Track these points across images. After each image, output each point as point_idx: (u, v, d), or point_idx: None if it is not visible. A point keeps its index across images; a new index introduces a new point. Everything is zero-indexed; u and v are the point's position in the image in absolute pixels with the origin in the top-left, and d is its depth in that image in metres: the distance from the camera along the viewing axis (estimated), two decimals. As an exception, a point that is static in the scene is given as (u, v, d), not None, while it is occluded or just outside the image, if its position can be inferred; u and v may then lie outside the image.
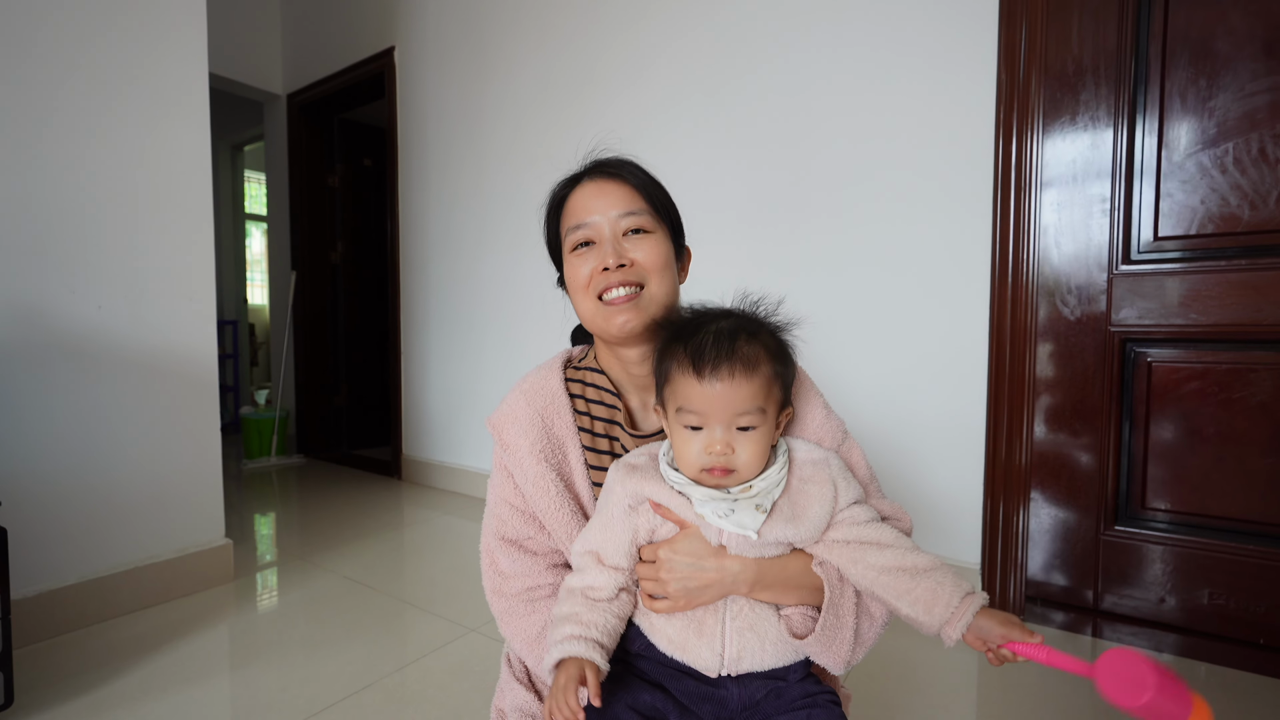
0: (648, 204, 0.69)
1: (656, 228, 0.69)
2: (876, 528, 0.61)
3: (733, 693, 0.59)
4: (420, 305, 2.95)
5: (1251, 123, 1.31)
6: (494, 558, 0.74)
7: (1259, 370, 1.33)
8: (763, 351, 0.59)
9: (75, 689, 1.25)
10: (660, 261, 0.68)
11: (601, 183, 0.70)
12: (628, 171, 0.71)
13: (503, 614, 0.73)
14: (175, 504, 1.68)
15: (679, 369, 0.59)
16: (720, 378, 0.57)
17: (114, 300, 1.56)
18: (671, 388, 0.60)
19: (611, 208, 0.68)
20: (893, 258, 1.67)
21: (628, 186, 0.69)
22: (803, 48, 1.79)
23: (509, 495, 0.72)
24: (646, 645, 0.63)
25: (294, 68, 3.46)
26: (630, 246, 0.67)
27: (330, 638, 1.46)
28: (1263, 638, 1.33)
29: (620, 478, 0.64)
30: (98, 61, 1.53)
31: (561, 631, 0.59)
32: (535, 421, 0.70)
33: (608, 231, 0.67)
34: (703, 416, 0.58)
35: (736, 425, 0.58)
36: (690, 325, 0.62)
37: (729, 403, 0.57)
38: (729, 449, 0.58)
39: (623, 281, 0.66)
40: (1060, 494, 1.53)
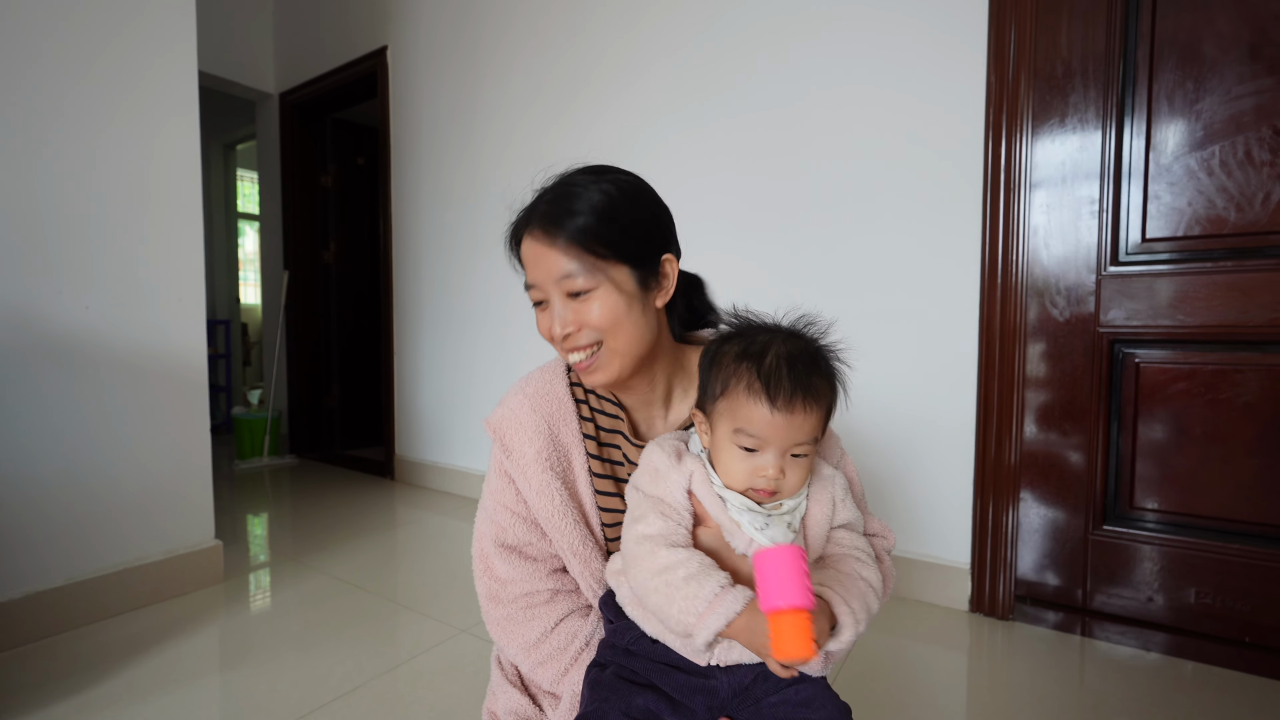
0: (588, 256, 0.63)
1: (601, 280, 0.64)
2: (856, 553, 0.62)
3: (722, 682, 0.60)
4: (413, 305, 2.94)
5: (1238, 125, 1.32)
6: (490, 564, 0.73)
7: (1245, 371, 1.34)
8: (825, 384, 0.59)
9: (62, 691, 1.24)
10: (610, 317, 0.64)
11: (538, 244, 0.65)
12: (561, 225, 0.64)
13: (501, 619, 0.72)
14: (164, 505, 1.67)
15: (747, 392, 0.57)
16: (793, 410, 0.56)
17: (102, 301, 1.55)
18: (731, 406, 0.58)
19: (549, 273, 0.64)
20: (883, 258, 1.68)
21: (559, 249, 0.63)
22: (794, 49, 1.79)
23: (509, 501, 0.71)
24: (636, 639, 0.63)
25: (286, 66, 3.45)
26: (577, 308, 0.64)
27: (321, 639, 1.46)
28: (1249, 636, 1.34)
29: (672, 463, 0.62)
30: (84, 61, 1.52)
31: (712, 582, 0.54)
32: (541, 428, 0.69)
33: (553, 295, 0.65)
34: (762, 442, 0.57)
35: (791, 452, 0.58)
36: (754, 343, 0.60)
37: (793, 433, 0.57)
38: (781, 474, 0.58)
39: (574, 347, 0.65)
40: (1050, 494, 1.54)
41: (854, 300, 1.73)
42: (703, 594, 0.54)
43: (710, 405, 0.61)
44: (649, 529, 0.59)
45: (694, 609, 0.53)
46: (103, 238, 1.56)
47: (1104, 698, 1.24)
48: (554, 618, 0.71)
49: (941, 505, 1.63)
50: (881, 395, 1.70)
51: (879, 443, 1.70)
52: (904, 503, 1.67)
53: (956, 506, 1.61)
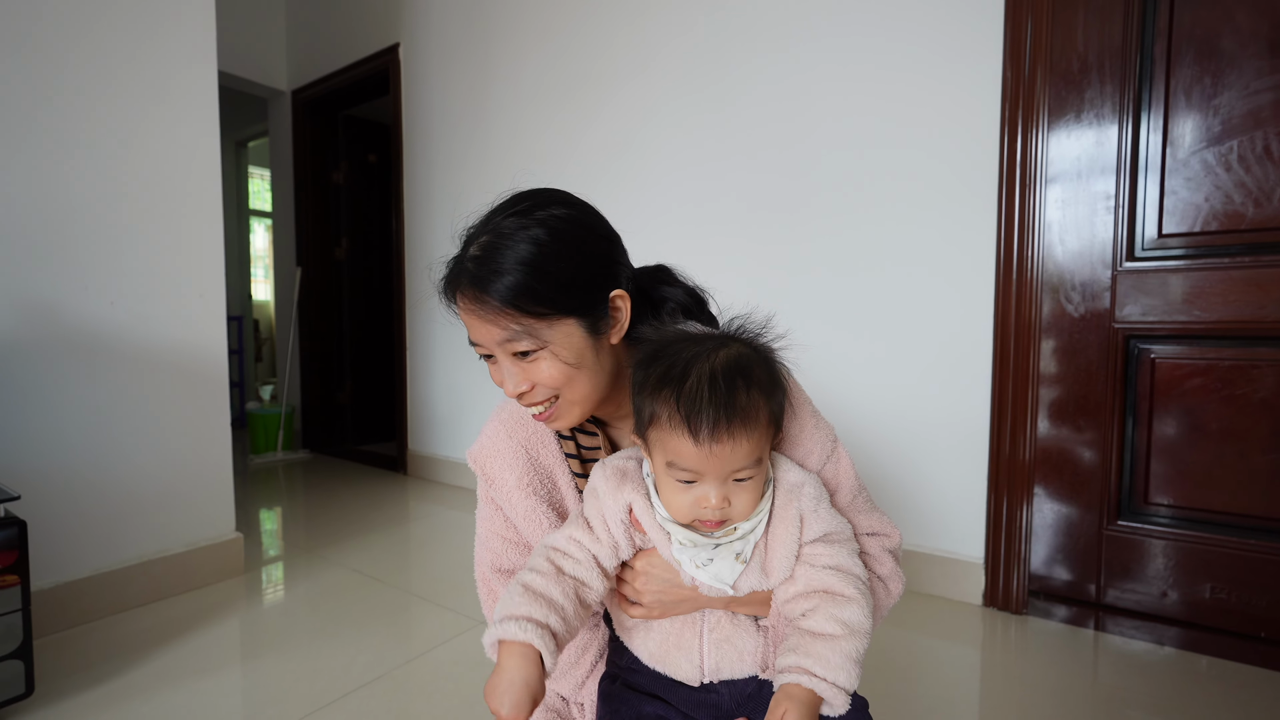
0: (526, 319, 0.57)
1: (546, 339, 0.58)
2: (829, 575, 0.56)
3: (724, 695, 0.60)
4: (425, 301, 2.96)
5: (1256, 120, 1.31)
6: (491, 588, 0.74)
7: (1261, 367, 1.33)
8: (760, 398, 0.53)
9: (93, 679, 1.27)
10: (562, 375, 0.59)
11: (472, 308, 0.59)
12: (489, 289, 0.57)
13: None
14: (187, 498, 1.70)
15: (670, 423, 0.52)
16: (719, 439, 0.51)
17: (126, 297, 1.58)
18: (659, 437, 0.54)
19: (488, 337, 0.59)
20: (897, 254, 1.68)
21: (493, 314, 0.57)
22: (806, 43, 1.79)
23: (499, 529, 0.71)
24: (634, 659, 0.63)
25: (298, 64, 3.47)
26: (525, 368, 0.60)
27: (339, 630, 1.48)
28: (1264, 631, 1.34)
29: (611, 487, 0.59)
30: (104, 59, 1.54)
31: (514, 604, 0.52)
32: (519, 455, 0.68)
33: (501, 355, 0.60)
34: (698, 474, 0.53)
35: (734, 478, 0.53)
36: (676, 364, 0.54)
37: (728, 462, 0.52)
38: (725, 502, 0.53)
39: (531, 403, 0.62)
40: (1063, 489, 1.54)
41: (867, 295, 1.73)
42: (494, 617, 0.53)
43: (644, 433, 0.56)
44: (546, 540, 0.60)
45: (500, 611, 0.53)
46: (127, 235, 1.58)
47: (1118, 692, 1.25)
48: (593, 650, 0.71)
49: (955, 500, 1.64)
50: (895, 390, 1.70)
51: (893, 437, 1.71)
52: (918, 497, 1.68)
53: (970, 501, 1.62)
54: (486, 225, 0.62)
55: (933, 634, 1.48)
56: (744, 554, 0.55)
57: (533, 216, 0.60)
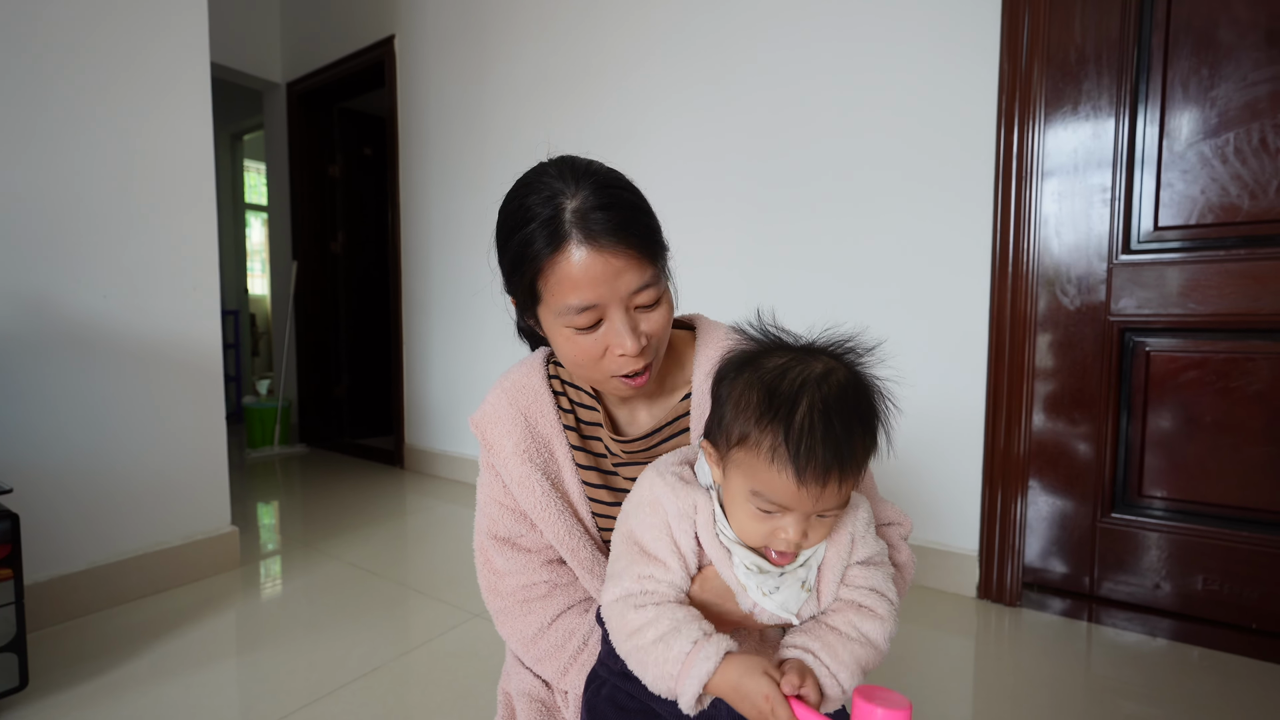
0: (654, 263, 0.58)
1: (664, 284, 0.60)
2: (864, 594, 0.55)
3: (722, 709, 0.57)
4: (421, 294, 2.95)
5: (1253, 112, 1.31)
6: (488, 555, 0.74)
7: (1256, 359, 1.34)
8: (871, 440, 0.50)
9: (88, 672, 1.27)
10: (668, 324, 0.61)
11: (605, 254, 0.55)
12: (629, 232, 0.55)
13: (499, 612, 0.73)
14: (182, 492, 1.70)
15: (770, 455, 0.47)
16: (826, 484, 0.47)
17: (120, 290, 1.57)
18: (750, 462, 0.48)
19: (624, 286, 0.56)
20: (894, 246, 1.68)
21: (636, 255, 0.56)
22: (804, 35, 1.78)
23: (497, 494, 0.71)
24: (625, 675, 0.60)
25: (293, 56, 3.44)
26: (644, 319, 0.58)
27: (336, 623, 1.48)
28: (1255, 622, 1.35)
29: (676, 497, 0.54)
30: (99, 52, 1.53)
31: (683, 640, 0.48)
32: (518, 421, 0.69)
33: (618, 312, 0.57)
34: (784, 509, 0.49)
35: (818, 514, 0.50)
36: (782, 387, 0.48)
37: (824, 503, 0.48)
38: (803, 536, 0.49)
39: (644, 365, 0.60)
40: (1058, 482, 1.54)
41: (863, 286, 1.73)
42: (673, 655, 0.48)
43: (723, 449, 0.51)
44: (620, 590, 0.53)
45: (669, 672, 0.48)
46: (120, 228, 1.57)
47: (1110, 683, 1.26)
48: (550, 613, 0.70)
49: (950, 493, 1.64)
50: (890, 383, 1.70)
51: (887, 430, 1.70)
52: (913, 490, 1.68)
53: (965, 494, 1.62)
54: (575, 182, 0.57)
55: (927, 626, 1.48)
56: (809, 582, 0.53)
57: (613, 172, 0.60)
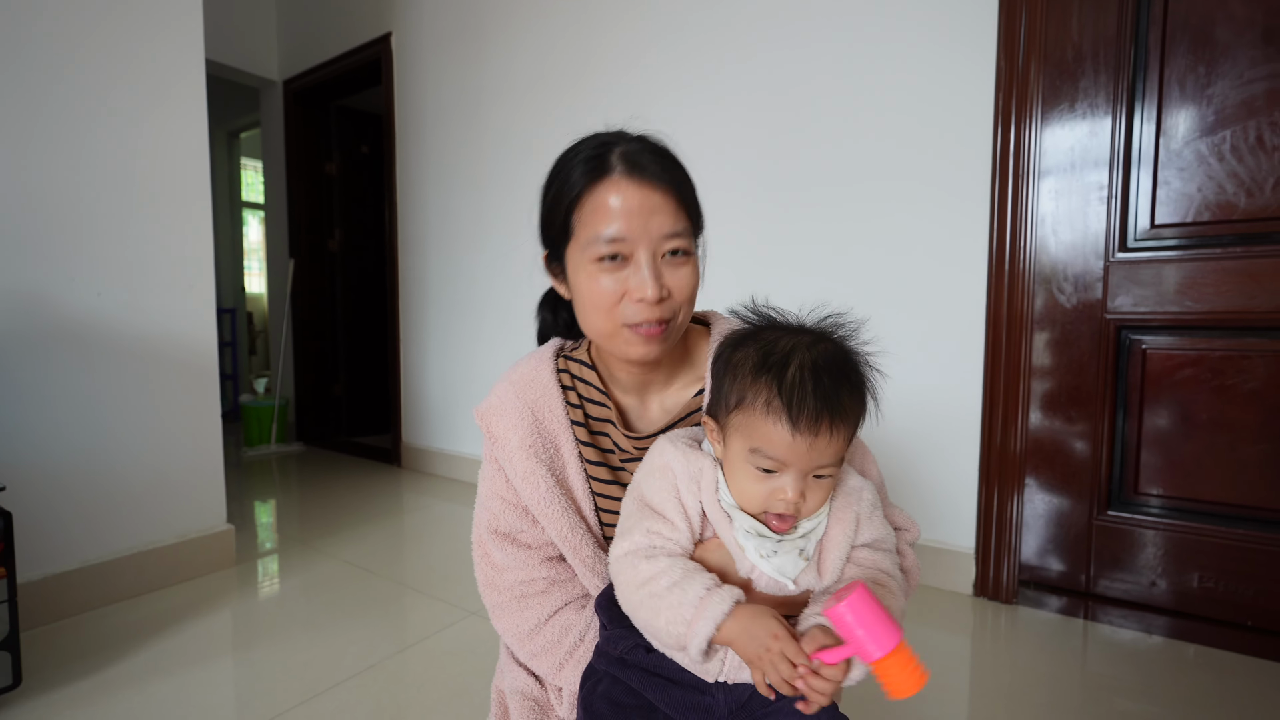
0: (688, 219, 0.60)
1: (694, 248, 0.61)
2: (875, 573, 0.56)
3: (719, 699, 0.57)
4: (418, 293, 2.95)
5: (1249, 110, 1.31)
6: (486, 550, 0.73)
7: (1252, 357, 1.34)
8: (858, 399, 0.53)
9: (82, 670, 1.26)
10: (694, 290, 0.61)
11: (644, 189, 0.57)
12: (670, 175, 0.59)
13: (495, 607, 0.72)
14: (177, 490, 1.69)
15: (765, 409, 0.51)
16: (817, 432, 0.50)
17: (113, 288, 1.56)
18: (747, 422, 0.52)
19: (656, 226, 0.58)
20: (890, 244, 1.68)
21: (673, 198, 0.58)
22: (802, 32, 1.78)
23: (499, 489, 0.70)
24: (630, 648, 0.59)
25: (290, 54, 3.43)
26: (668, 272, 0.59)
27: (331, 621, 1.48)
28: (1250, 620, 1.35)
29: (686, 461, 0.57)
30: (95, 51, 1.52)
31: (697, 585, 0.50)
32: (525, 415, 0.68)
33: (646, 255, 0.58)
34: (781, 465, 0.51)
35: (814, 474, 0.52)
36: (775, 351, 0.53)
37: (817, 456, 0.51)
38: (801, 497, 0.52)
39: (659, 319, 0.59)
40: (1054, 480, 1.54)
41: (860, 284, 1.73)
42: (687, 599, 0.50)
43: (723, 416, 0.55)
44: (630, 545, 0.55)
45: (681, 617, 0.50)
46: (113, 226, 1.57)
47: (1106, 680, 1.26)
48: (548, 609, 0.70)
49: (947, 491, 1.64)
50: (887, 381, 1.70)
51: (884, 428, 1.71)
52: (910, 488, 1.68)
53: (962, 492, 1.62)
54: (628, 137, 0.62)
55: (923, 623, 1.48)
56: (807, 551, 0.54)
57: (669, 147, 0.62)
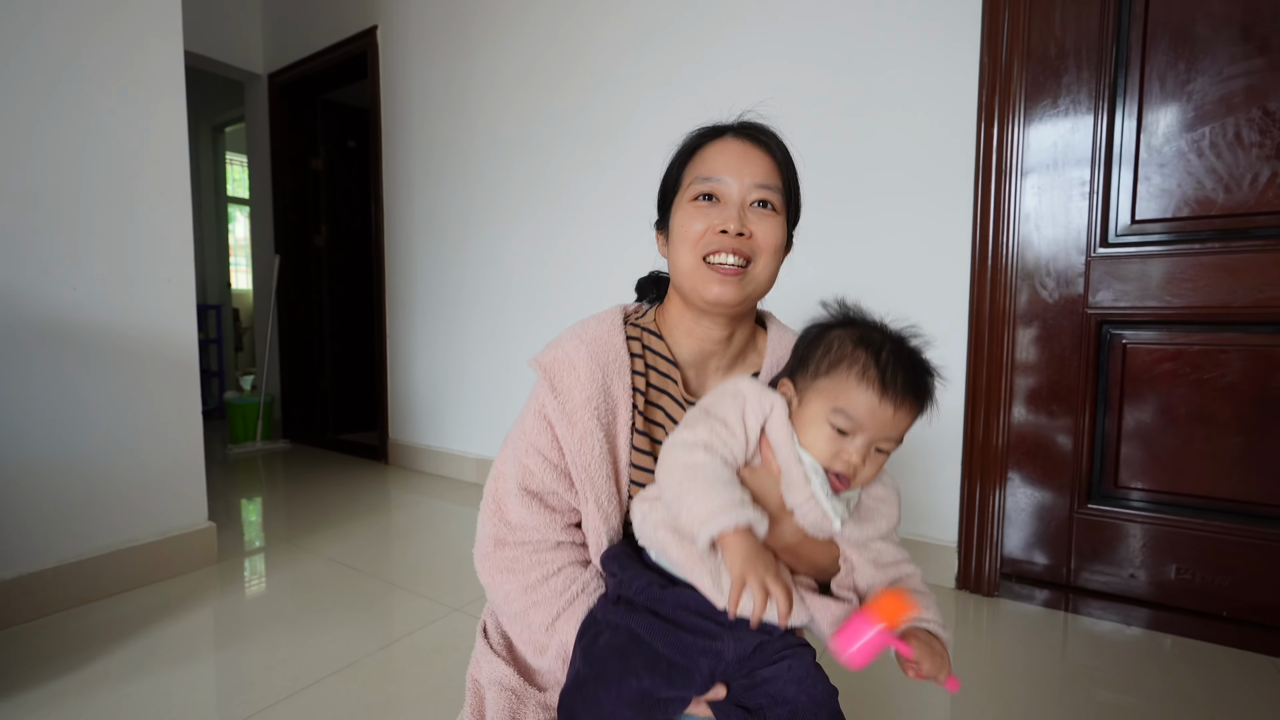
0: (782, 183, 0.68)
1: (782, 209, 0.68)
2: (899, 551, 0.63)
3: (729, 645, 0.59)
4: (405, 289, 2.93)
5: (1228, 107, 1.32)
6: (504, 505, 0.71)
7: (1229, 352, 1.35)
8: (932, 390, 0.60)
9: (57, 670, 1.25)
10: (775, 243, 0.67)
11: (746, 145, 0.68)
12: (775, 144, 0.69)
13: (502, 562, 0.70)
14: (157, 487, 1.67)
15: (860, 375, 0.58)
16: (901, 404, 0.57)
17: (90, 282, 1.54)
18: (835, 385, 0.58)
19: (748, 174, 0.66)
20: (875, 239, 1.68)
21: (771, 160, 0.68)
22: (785, 25, 1.78)
23: (543, 445, 0.69)
24: (642, 588, 0.61)
25: (275, 47, 3.39)
26: (753, 218, 0.66)
27: (315, 618, 1.47)
28: (1226, 610, 1.37)
29: (760, 392, 0.62)
30: (69, 41, 1.50)
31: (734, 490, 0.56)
32: (596, 376, 0.68)
33: (736, 195, 0.65)
34: (858, 426, 0.57)
35: (878, 446, 0.58)
36: (871, 334, 0.61)
37: (890, 426, 0.57)
38: (862, 463, 0.58)
39: (735, 249, 0.65)
40: (1036, 474, 1.56)
41: (844, 278, 1.73)
42: (723, 497, 0.55)
43: (807, 380, 0.61)
44: (692, 436, 0.60)
45: (709, 505, 0.54)
46: (89, 219, 1.54)
47: (1085, 671, 1.27)
48: (559, 563, 0.70)
49: (930, 485, 1.65)
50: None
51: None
52: (893, 483, 1.69)
53: (945, 486, 1.63)
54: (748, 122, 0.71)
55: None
56: (851, 502, 0.61)
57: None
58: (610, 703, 0.58)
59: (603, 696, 0.58)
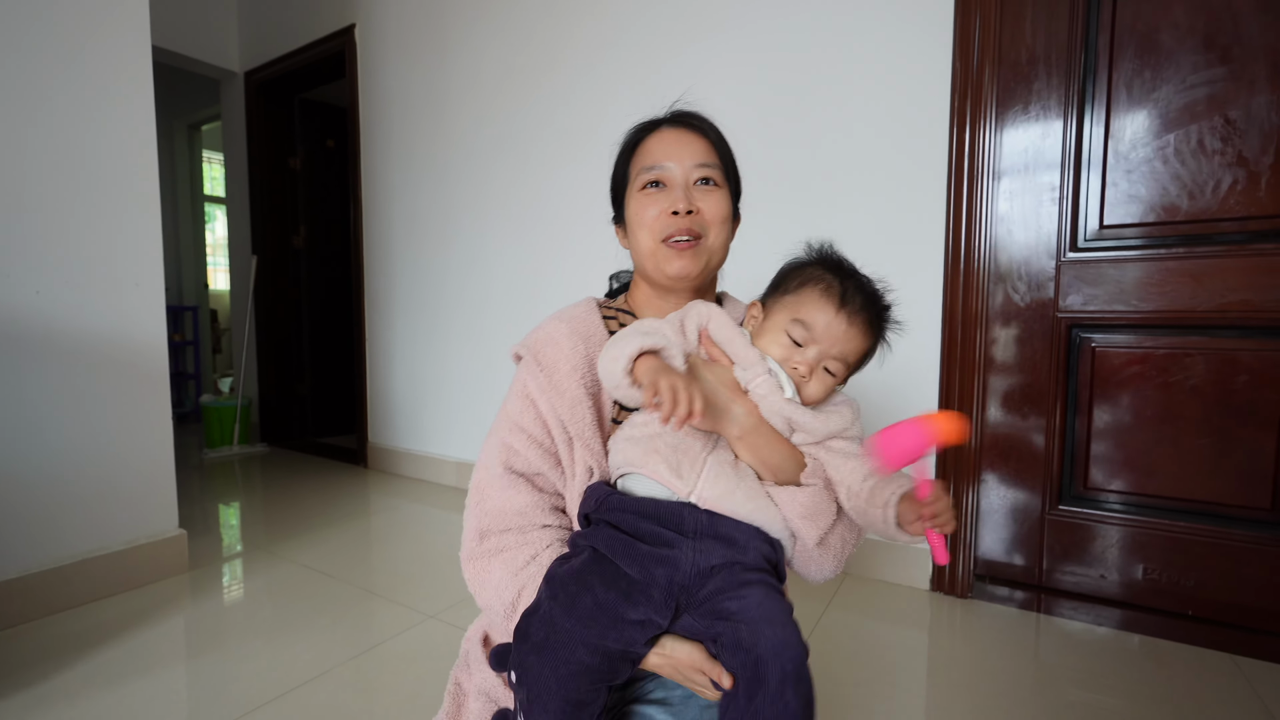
0: (719, 160, 0.73)
1: (723, 183, 0.73)
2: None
3: (685, 554, 0.57)
4: (385, 291, 2.90)
5: (1191, 115, 1.35)
6: (486, 495, 0.69)
7: (1194, 355, 1.38)
8: (881, 329, 0.68)
9: (17, 684, 1.21)
10: (721, 214, 0.72)
11: (681, 132, 0.74)
12: (707, 126, 0.75)
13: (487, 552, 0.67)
14: (125, 495, 1.64)
15: (822, 292, 0.65)
16: (853, 321, 0.64)
17: (53, 285, 1.50)
18: (799, 300, 0.66)
19: (688, 157, 0.71)
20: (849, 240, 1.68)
21: (706, 140, 0.73)
22: (757, 31, 1.78)
23: (527, 424, 0.69)
24: (606, 495, 0.62)
25: (251, 44, 3.34)
26: (698, 196, 0.71)
27: (287, 627, 1.45)
28: (1191, 609, 1.39)
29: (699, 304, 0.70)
30: (32, 36, 1.46)
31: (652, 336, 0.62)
32: (579, 348, 0.69)
33: (680, 178, 0.71)
34: (812, 340, 0.64)
35: (826, 364, 0.64)
36: (847, 268, 0.69)
37: (841, 343, 0.64)
38: (809, 374, 0.64)
39: (687, 229, 0.70)
40: (1009, 475, 1.57)
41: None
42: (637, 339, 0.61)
43: (776, 299, 0.68)
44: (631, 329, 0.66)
45: (628, 345, 0.60)
46: (52, 220, 1.50)
47: (1056, 671, 1.29)
48: (547, 540, 0.67)
49: (905, 487, 1.66)
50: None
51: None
52: (869, 485, 1.70)
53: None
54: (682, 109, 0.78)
55: (880, 619, 1.50)
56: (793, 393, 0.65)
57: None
58: (564, 620, 0.55)
59: (558, 616, 0.56)
